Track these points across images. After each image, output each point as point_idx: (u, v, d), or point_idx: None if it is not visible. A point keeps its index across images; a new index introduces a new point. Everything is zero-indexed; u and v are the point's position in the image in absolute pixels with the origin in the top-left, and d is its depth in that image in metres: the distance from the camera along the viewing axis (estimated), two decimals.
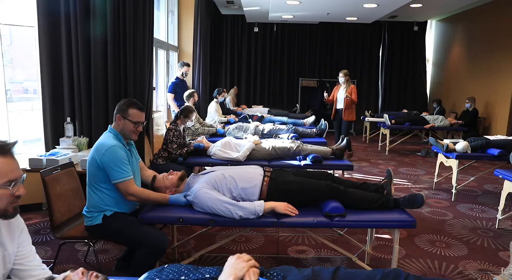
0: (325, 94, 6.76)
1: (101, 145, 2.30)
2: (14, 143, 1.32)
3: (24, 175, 1.36)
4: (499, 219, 3.79)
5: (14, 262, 1.45)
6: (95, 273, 1.38)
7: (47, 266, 1.57)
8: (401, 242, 3.29)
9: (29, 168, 3.27)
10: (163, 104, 6.68)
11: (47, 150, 3.83)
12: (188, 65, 6.31)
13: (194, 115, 4.37)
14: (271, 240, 3.36)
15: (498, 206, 3.78)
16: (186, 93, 5.35)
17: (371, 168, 6.38)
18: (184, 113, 4.13)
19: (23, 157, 3.50)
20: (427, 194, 4.88)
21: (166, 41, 6.77)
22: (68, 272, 1.40)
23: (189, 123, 4.23)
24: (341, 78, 6.55)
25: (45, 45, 3.68)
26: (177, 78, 6.25)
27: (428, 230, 3.67)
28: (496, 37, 7.58)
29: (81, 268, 1.41)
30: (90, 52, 3.76)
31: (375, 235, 3.35)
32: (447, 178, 5.28)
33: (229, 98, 8.41)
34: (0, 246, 1.37)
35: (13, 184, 1.30)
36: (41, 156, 3.34)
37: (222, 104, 7.52)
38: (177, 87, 6.08)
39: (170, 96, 6.06)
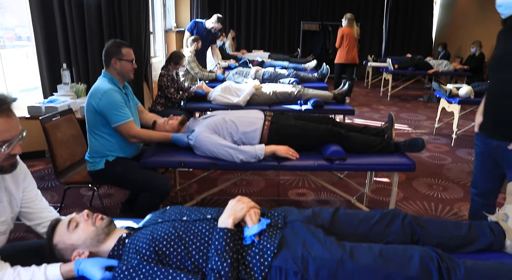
0: None
1: (96, 90, 2.26)
2: (13, 100, 1.24)
3: (24, 133, 1.30)
4: None
5: (22, 205, 1.48)
6: (100, 215, 1.42)
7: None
8: (400, 185, 3.35)
9: (28, 116, 3.26)
10: (160, 49, 6.51)
11: (45, 98, 3.79)
12: (223, 23, 5.82)
13: (184, 61, 4.24)
14: (271, 184, 3.43)
15: None
16: (190, 38, 5.17)
17: (372, 113, 6.35)
18: (174, 60, 4.00)
19: (21, 105, 3.47)
20: (427, 139, 4.90)
21: None
22: (73, 215, 1.43)
23: (181, 70, 4.13)
24: (343, 22, 6.43)
25: None
26: (203, 23, 5.77)
27: (426, 174, 3.73)
28: None
29: (86, 210, 1.44)
30: None
31: (374, 178, 3.40)
32: (448, 123, 5.28)
33: (228, 43, 8.18)
34: (6, 191, 1.40)
35: (6, 144, 1.23)
36: (39, 103, 3.31)
37: (222, 49, 7.32)
38: (196, 29, 5.67)
39: (186, 34, 5.69)
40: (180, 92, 3.97)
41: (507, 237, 1.50)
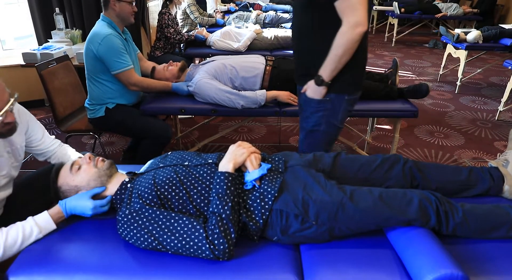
0: None
1: (95, 35, 2.18)
2: None
3: (16, 95, 1.24)
4: (500, 111, 3.79)
5: (32, 148, 1.56)
6: (101, 158, 1.43)
7: None
8: (401, 132, 3.35)
9: (23, 63, 3.20)
10: None
11: (40, 45, 3.69)
12: None
13: None
14: (273, 130, 3.43)
15: (501, 98, 3.75)
16: None
17: (376, 59, 6.21)
18: None
19: (16, 53, 3.37)
20: (431, 87, 4.81)
21: None
22: (76, 158, 1.44)
23: (183, 5, 3.97)
24: None
25: None
26: None
27: (428, 121, 3.71)
28: None
29: (88, 153, 1.45)
30: None
31: (376, 125, 3.39)
32: (453, 70, 5.17)
33: None
34: (8, 143, 1.40)
35: None
36: (34, 50, 3.23)
37: None
38: None
39: None
40: (182, 36, 3.86)
41: (505, 181, 1.51)
